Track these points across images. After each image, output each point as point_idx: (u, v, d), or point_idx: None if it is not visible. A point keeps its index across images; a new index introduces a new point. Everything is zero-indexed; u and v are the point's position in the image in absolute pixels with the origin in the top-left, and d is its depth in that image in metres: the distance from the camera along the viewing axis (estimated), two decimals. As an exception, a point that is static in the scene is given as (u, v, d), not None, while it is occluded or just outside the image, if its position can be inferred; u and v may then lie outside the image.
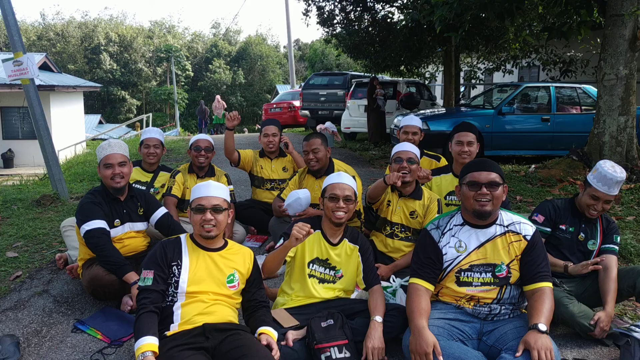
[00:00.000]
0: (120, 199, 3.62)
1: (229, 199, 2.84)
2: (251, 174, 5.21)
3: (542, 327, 2.43)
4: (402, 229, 3.72)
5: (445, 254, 2.76)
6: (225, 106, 22.94)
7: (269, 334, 2.63)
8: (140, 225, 3.72)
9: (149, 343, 2.41)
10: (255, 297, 2.82)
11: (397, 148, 3.75)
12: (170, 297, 2.66)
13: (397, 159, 3.67)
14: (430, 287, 2.73)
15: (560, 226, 3.40)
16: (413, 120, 4.70)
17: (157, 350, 2.42)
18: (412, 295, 2.70)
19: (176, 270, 2.67)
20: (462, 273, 2.74)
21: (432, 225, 2.86)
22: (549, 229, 3.41)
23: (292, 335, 2.76)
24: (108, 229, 3.46)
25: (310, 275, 3.07)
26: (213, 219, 2.69)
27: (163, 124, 39.00)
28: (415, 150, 3.71)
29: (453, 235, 2.77)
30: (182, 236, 2.84)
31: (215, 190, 2.76)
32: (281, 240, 3.08)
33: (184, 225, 4.03)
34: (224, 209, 2.75)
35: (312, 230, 2.78)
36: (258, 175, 5.12)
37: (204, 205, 2.70)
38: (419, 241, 2.91)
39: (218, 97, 24.16)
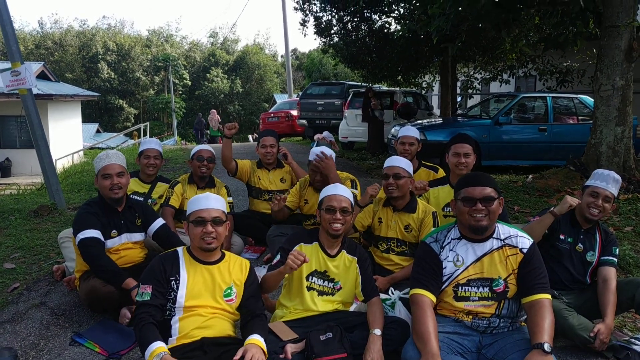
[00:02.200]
0: (117, 209, 3.62)
1: (226, 211, 2.83)
2: (249, 185, 5.21)
3: (547, 347, 2.38)
4: (399, 244, 3.69)
5: (445, 267, 2.73)
6: (220, 120, 23.63)
7: (256, 342, 2.53)
8: (138, 236, 3.71)
9: (161, 346, 2.42)
10: (249, 305, 2.78)
11: (386, 163, 3.72)
12: (167, 312, 2.65)
13: (384, 174, 3.65)
14: (433, 298, 2.68)
15: (560, 236, 3.41)
16: (410, 131, 4.70)
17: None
18: (420, 310, 2.61)
19: (174, 285, 2.66)
20: (460, 288, 2.71)
21: (431, 238, 2.82)
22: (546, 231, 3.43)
23: (291, 349, 2.75)
24: (103, 239, 3.46)
25: (310, 288, 3.06)
26: (214, 231, 2.68)
27: (160, 132, 39.03)
28: (403, 164, 3.66)
29: (451, 250, 2.75)
30: (179, 249, 2.83)
31: (215, 202, 2.76)
32: (278, 256, 3.07)
33: (181, 237, 4.01)
34: (224, 221, 2.75)
35: (307, 259, 2.78)
36: (255, 186, 5.12)
37: (204, 217, 2.69)
38: (418, 253, 2.87)
39: (214, 111, 24.96)
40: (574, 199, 3.37)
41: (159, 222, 3.76)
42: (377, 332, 2.81)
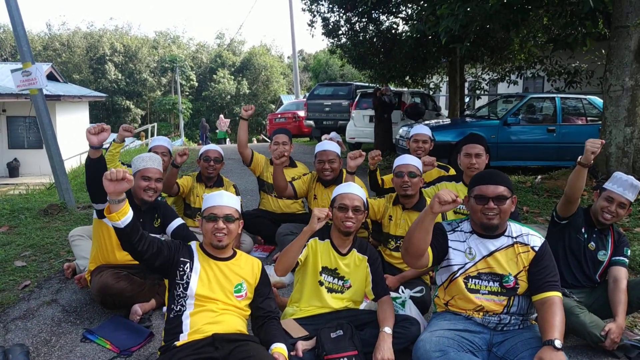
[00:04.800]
0: (140, 208, 3.65)
1: (240, 210, 2.85)
2: (260, 179, 5.22)
3: (558, 343, 2.40)
4: None
5: (451, 247, 2.78)
6: (228, 124, 24.53)
7: (281, 352, 2.60)
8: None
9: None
10: (263, 306, 2.81)
11: (399, 161, 3.72)
12: (179, 306, 2.67)
13: (398, 172, 3.65)
14: (430, 252, 2.70)
15: (582, 229, 3.42)
16: (423, 129, 4.70)
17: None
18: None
19: (187, 270, 2.70)
20: (470, 280, 2.75)
21: (445, 222, 2.90)
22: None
23: (302, 346, 2.76)
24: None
25: (321, 283, 3.07)
26: (225, 227, 2.71)
27: (167, 133, 39.14)
28: (416, 162, 3.68)
29: (463, 241, 2.78)
30: (193, 244, 2.87)
31: (228, 200, 2.79)
32: None
33: (198, 237, 4.03)
34: (236, 219, 2.77)
35: (330, 212, 2.85)
36: (267, 181, 5.13)
37: (216, 214, 2.72)
38: None
39: (222, 115, 25.98)
40: (594, 143, 3.15)
41: (178, 221, 3.76)
42: (388, 330, 2.81)
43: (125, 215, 2.52)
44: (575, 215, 3.42)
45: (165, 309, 2.80)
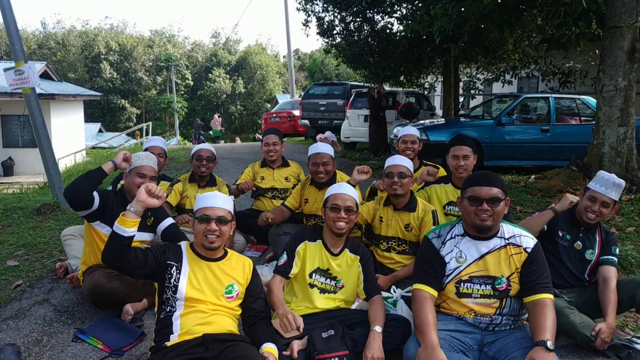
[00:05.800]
0: None
1: (233, 211, 2.84)
2: (255, 184, 5.20)
3: (550, 344, 2.40)
4: (399, 243, 3.68)
5: (448, 262, 2.74)
6: (221, 122, 25.29)
7: (272, 352, 2.61)
8: (146, 236, 3.70)
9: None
10: (254, 306, 2.81)
11: (389, 162, 3.70)
12: (169, 307, 2.66)
13: (388, 173, 3.63)
14: (434, 292, 2.70)
15: (558, 232, 3.43)
16: (411, 130, 4.72)
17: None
18: (419, 304, 2.66)
19: (175, 273, 2.68)
20: (462, 284, 2.72)
21: (433, 234, 2.84)
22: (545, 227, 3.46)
23: (297, 346, 2.76)
24: (99, 197, 3.48)
25: (312, 285, 3.08)
26: (217, 229, 2.69)
27: (163, 132, 39.05)
28: (407, 163, 3.66)
29: (455, 246, 2.76)
30: (183, 244, 2.85)
31: (222, 201, 2.76)
32: (284, 256, 3.08)
33: (188, 236, 4.02)
34: (229, 221, 2.76)
35: (301, 329, 2.79)
36: (260, 185, 5.11)
37: (209, 215, 2.70)
38: (420, 249, 2.90)
39: (216, 115, 26.50)
40: (574, 196, 3.41)
41: (168, 220, 3.74)
42: (378, 329, 2.82)
43: (135, 226, 2.61)
44: (552, 220, 3.45)
45: (156, 309, 2.79)
